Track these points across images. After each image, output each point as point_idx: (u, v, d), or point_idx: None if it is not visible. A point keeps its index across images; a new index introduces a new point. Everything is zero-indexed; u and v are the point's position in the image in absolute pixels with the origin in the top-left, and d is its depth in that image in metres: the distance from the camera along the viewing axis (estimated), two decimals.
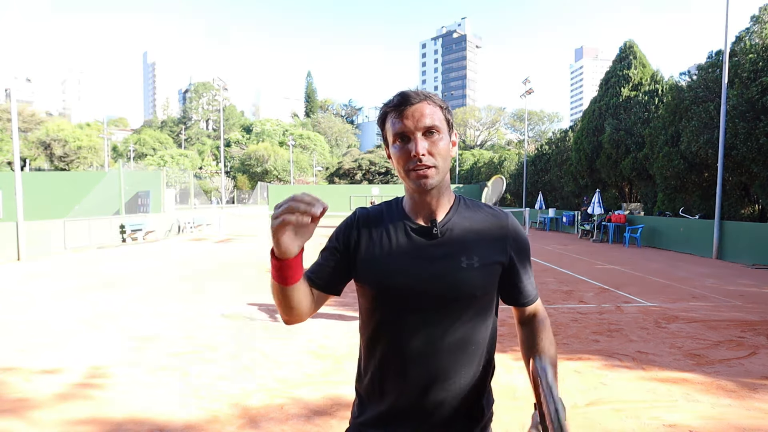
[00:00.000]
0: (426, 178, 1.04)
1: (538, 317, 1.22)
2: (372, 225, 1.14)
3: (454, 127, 1.14)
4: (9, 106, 25.50)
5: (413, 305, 1.07)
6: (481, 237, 1.11)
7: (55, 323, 5.59)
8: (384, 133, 1.13)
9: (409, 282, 1.06)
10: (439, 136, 1.06)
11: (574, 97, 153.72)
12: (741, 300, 6.97)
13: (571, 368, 4.10)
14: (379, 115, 1.12)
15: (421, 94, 1.06)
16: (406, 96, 1.05)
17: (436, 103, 1.08)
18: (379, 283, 1.09)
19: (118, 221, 15.93)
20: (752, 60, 12.51)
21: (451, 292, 1.07)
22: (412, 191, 1.10)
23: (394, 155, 1.08)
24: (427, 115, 1.04)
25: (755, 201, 14.72)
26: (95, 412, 3.24)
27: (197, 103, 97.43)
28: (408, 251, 1.09)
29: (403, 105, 1.05)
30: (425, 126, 1.04)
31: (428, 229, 1.10)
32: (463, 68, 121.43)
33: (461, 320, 1.09)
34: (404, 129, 1.04)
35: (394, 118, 1.06)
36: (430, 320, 1.07)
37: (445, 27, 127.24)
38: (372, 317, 1.13)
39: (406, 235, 1.11)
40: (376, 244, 1.11)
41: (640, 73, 19.66)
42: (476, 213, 1.15)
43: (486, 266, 1.09)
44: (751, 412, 3.25)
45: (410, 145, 1.04)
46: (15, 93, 12.01)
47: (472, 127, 75.82)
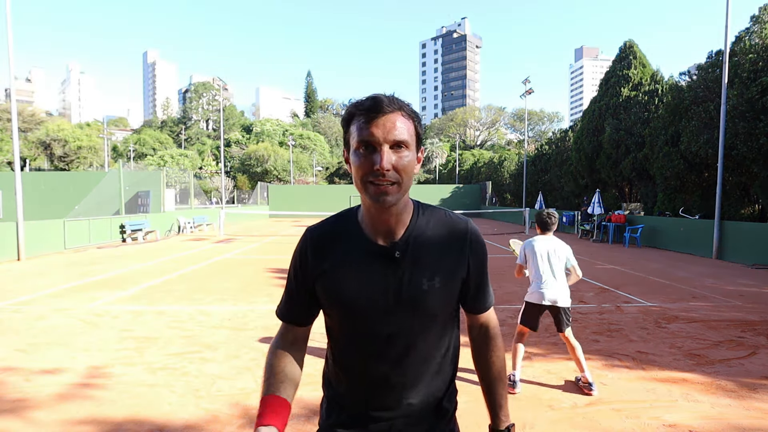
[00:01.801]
0: (386, 195, 0.96)
1: (491, 332, 1.22)
2: (326, 246, 1.08)
3: (422, 141, 1.06)
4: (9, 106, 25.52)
5: (376, 328, 1.05)
6: (441, 252, 1.08)
7: (54, 323, 5.58)
8: (346, 135, 1.03)
9: (370, 307, 1.04)
10: (407, 152, 0.98)
11: (574, 97, 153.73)
12: (741, 300, 6.97)
13: (571, 368, 4.10)
14: (344, 114, 1.02)
15: (396, 103, 0.98)
16: (379, 102, 0.96)
17: (409, 115, 1.01)
18: (340, 309, 1.06)
19: (118, 221, 15.93)
20: (752, 60, 12.52)
21: (414, 313, 1.05)
22: (369, 207, 1.03)
23: (355, 163, 0.98)
24: (399, 128, 0.97)
25: (755, 201, 14.73)
26: (95, 412, 3.24)
27: (197, 103, 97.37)
28: (368, 275, 1.04)
29: (375, 112, 0.96)
30: (394, 139, 0.96)
31: (388, 250, 1.05)
32: (463, 68, 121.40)
33: (426, 338, 1.08)
34: (371, 138, 0.95)
35: (362, 124, 0.97)
36: (393, 342, 1.05)
37: (445, 27, 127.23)
38: (336, 337, 1.12)
39: (364, 258, 1.05)
40: (334, 268, 1.06)
41: (640, 73, 19.66)
42: (435, 224, 1.10)
43: (447, 284, 1.07)
44: (750, 412, 3.25)
45: (375, 156, 0.95)
46: (15, 93, 12.01)
47: (472, 127, 75.78)
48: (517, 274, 3.98)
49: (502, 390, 1.21)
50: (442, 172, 59.16)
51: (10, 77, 11.71)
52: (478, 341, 1.23)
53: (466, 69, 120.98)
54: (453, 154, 59.59)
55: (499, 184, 37.32)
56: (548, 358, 4.38)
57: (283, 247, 14.55)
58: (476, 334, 1.23)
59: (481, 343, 1.22)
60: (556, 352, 4.55)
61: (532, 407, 3.34)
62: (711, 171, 13.92)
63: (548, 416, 3.21)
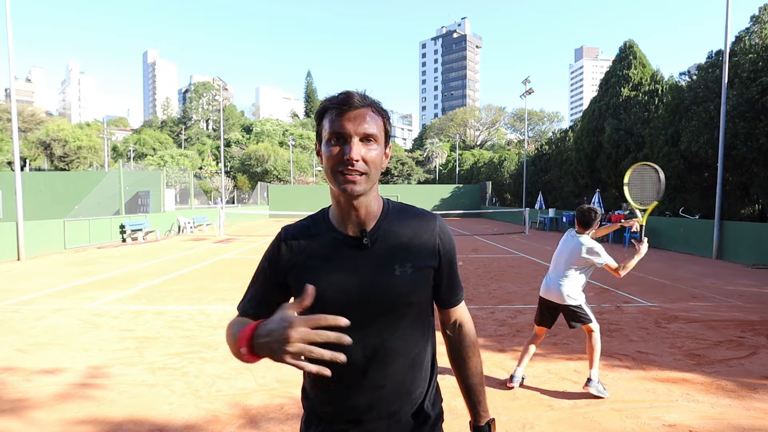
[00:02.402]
0: (354, 184, 1.00)
1: (465, 328, 1.22)
2: (299, 240, 1.12)
3: (390, 139, 1.11)
4: (9, 106, 25.54)
5: (351, 320, 1.00)
6: (411, 242, 1.10)
7: (54, 323, 5.58)
8: (319, 128, 1.07)
9: (344, 297, 1.04)
10: (376, 145, 1.04)
11: (574, 97, 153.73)
12: (741, 300, 6.97)
13: (571, 368, 4.10)
14: (318, 108, 1.08)
15: (367, 100, 1.04)
16: (350, 97, 1.02)
17: (379, 112, 1.06)
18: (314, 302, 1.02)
19: (118, 221, 15.93)
20: (752, 60, 12.52)
21: (387, 301, 1.06)
22: (338, 196, 1.06)
23: (326, 154, 1.03)
24: (368, 122, 1.02)
25: (755, 201, 14.72)
26: (95, 412, 3.24)
27: (197, 103, 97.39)
28: (340, 265, 1.07)
29: (346, 105, 1.01)
30: (364, 132, 1.01)
31: (358, 239, 1.08)
32: (463, 68, 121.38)
33: (400, 329, 1.08)
34: (342, 130, 1.00)
35: (334, 117, 1.02)
36: (369, 332, 1.05)
37: (445, 27, 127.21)
38: None
39: (335, 249, 1.08)
40: (306, 262, 1.09)
41: (640, 73, 19.66)
42: (405, 218, 1.14)
43: (419, 270, 1.09)
44: (750, 412, 3.25)
45: (345, 147, 1.00)
46: (15, 93, 12.01)
47: (472, 127, 75.77)
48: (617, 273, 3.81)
49: (480, 386, 1.22)
50: (442, 172, 59.16)
51: (10, 77, 11.71)
52: (453, 338, 1.23)
53: (466, 69, 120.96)
54: (453, 154, 59.59)
55: (499, 184, 37.32)
56: (548, 358, 4.38)
57: None
58: (451, 331, 1.23)
59: (456, 340, 1.22)
60: (556, 352, 4.55)
61: (532, 407, 3.34)
62: (711, 171, 13.92)
63: (548, 416, 3.21)
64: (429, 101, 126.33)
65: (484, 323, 5.60)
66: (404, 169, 53.01)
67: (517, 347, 4.68)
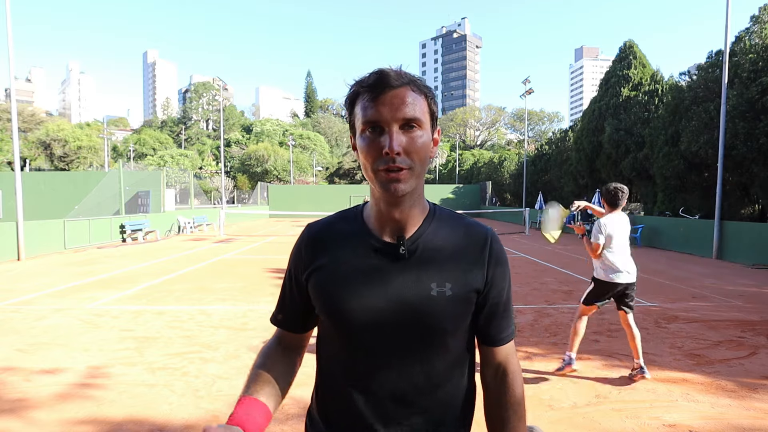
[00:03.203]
0: (398, 183, 0.83)
1: (511, 372, 0.98)
2: (325, 241, 0.96)
3: (437, 120, 0.93)
4: (9, 106, 25.54)
5: (368, 339, 0.89)
6: (456, 258, 0.92)
7: (54, 323, 5.58)
8: (351, 118, 0.90)
9: (369, 315, 0.88)
10: (420, 131, 0.85)
11: (574, 97, 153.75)
12: (741, 300, 6.97)
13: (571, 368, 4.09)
14: (348, 94, 0.89)
15: (405, 77, 0.86)
16: (385, 76, 0.84)
17: (421, 89, 0.87)
18: (329, 312, 0.91)
19: (118, 221, 15.93)
20: (752, 60, 12.52)
21: (416, 323, 0.88)
22: (379, 197, 0.90)
23: (362, 149, 0.86)
24: (409, 104, 0.84)
25: (755, 201, 14.72)
26: (95, 412, 3.24)
27: (197, 103, 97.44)
28: (366, 274, 0.90)
29: (381, 87, 0.83)
30: (404, 117, 0.83)
31: (394, 247, 0.90)
32: (463, 68, 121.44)
33: (429, 363, 0.90)
34: (378, 117, 0.83)
35: (367, 102, 0.84)
36: (390, 360, 0.89)
37: (445, 27, 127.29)
38: (325, 346, 0.98)
39: (366, 255, 0.91)
40: (330, 267, 0.92)
41: (640, 73, 19.67)
42: (452, 228, 0.96)
43: (459, 294, 0.90)
44: (750, 412, 3.25)
45: (383, 139, 0.83)
46: (15, 93, 12.01)
47: (472, 127, 75.80)
48: (594, 254, 3.94)
49: None
50: (442, 172, 59.16)
51: (10, 77, 11.71)
52: (493, 388, 0.98)
53: (466, 69, 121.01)
54: (453, 154, 59.59)
55: (499, 184, 37.32)
56: (548, 358, 4.38)
57: (283, 247, 14.54)
58: (492, 378, 0.99)
59: (497, 392, 0.98)
60: (556, 352, 4.55)
61: (532, 407, 3.34)
62: (711, 171, 13.92)
63: (548, 416, 3.21)
64: None
65: None
66: None
67: (518, 347, 4.64)
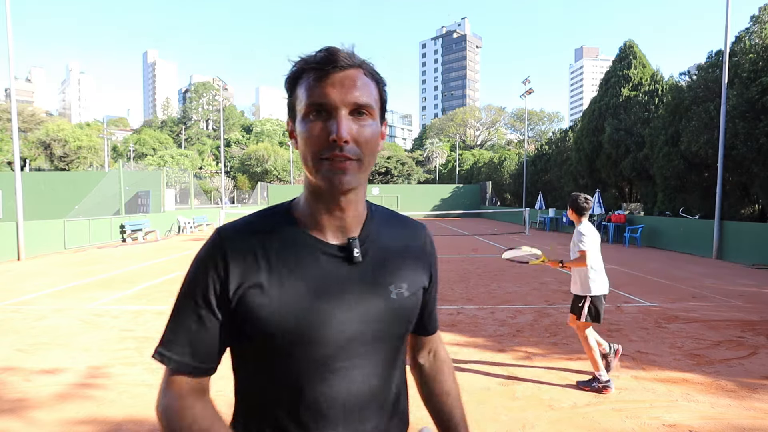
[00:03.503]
0: (344, 174, 0.73)
1: (442, 354, 1.01)
2: (255, 253, 0.77)
3: (386, 112, 0.84)
4: (9, 106, 25.53)
5: (327, 355, 0.77)
6: (403, 257, 0.87)
7: (54, 323, 5.58)
8: (291, 100, 0.78)
9: (334, 331, 0.76)
10: (370, 120, 0.76)
11: (574, 97, 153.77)
12: (741, 300, 6.97)
13: (572, 368, 4.10)
14: (290, 72, 0.78)
15: (356, 58, 0.76)
16: (334, 54, 0.74)
17: (373, 75, 0.78)
18: (292, 337, 0.75)
19: (118, 221, 15.93)
20: (752, 60, 12.52)
21: (384, 331, 0.81)
22: (319, 192, 0.78)
23: (303, 134, 0.74)
24: (360, 88, 0.74)
25: (755, 201, 14.72)
26: (95, 412, 3.24)
27: (197, 103, 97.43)
28: (325, 286, 0.77)
29: (329, 65, 0.73)
30: (355, 102, 0.73)
31: (345, 250, 0.80)
32: (463, 68, 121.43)
33: (386, 360, 0.84)
34: (325, 100, 0.72)
35: (313, 82, 0.74)
36: (345, 374, 0.79)
37: (445, 27, 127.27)
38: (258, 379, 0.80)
39: (315, 263, 0.78)
40: (273, 283, 0.75)
41: (640, 73, 19.67)
42: (393, 226, 0.90)
43: (413, 293, 0.86)
44: (750, 412, 3.25)
45: (330, 124, 0.72)
46: (15, 93, 12.01)
47: (472, 127, 75.79)
48: (584, 262, 3.78)
49: (463, 414, 1.01)
50: (442, 172, 59.16)
51: (10, 77, 11.71)
52: (429, 368, 1.00)
53: (466, 69, 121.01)
54: (453, 154, 59.58)
55: (499, 184, 37.32)
56: (548, 358, 4.38)
57: None
58: (426, 360, 1.01)
59: (433, 369, 1.00)
60: (555, 352, 4.55)
61: (532, 407, 3.34)
62: (711, 171, 13.92)
63: (548, 416, 3.21)
64: (429, 101, 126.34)
65: (484, 323, 5.60)
66: (404, 169, 52.97)
67: (518, 347, 4.68)
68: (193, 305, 0.76)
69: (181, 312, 0.77)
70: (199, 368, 0.77)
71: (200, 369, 0.77)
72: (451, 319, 5.80)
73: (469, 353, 4.50)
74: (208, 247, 0.78)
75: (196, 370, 0.77)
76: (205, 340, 0.77)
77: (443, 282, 8.32)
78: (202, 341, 0.76)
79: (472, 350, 4.60)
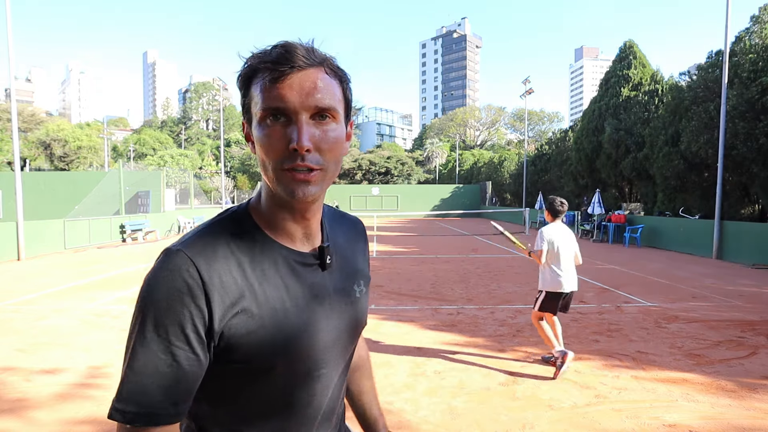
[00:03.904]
0: (307, 186, 0.68)
1: (363, 348, 1.07)
2: (231, 272, 0.68)
3: (351, 110, 0.77)
4: (9, 106, 25.54)
5: (320, 365, 0.77)
6: (355, 254, 0.89)
7: (54, 323, 5.58)
8: (246, 101, 0.72)
9: (319, 340, 0.75)
10: (334, 124, 0.70)
11: (574, 97, 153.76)
12: (741, 300, 6.97)
13: (571, 368, 4.09)
14: (242, 69, 0.71)
15: (317, 55, 0.69)
16: (291, 52, 0.67)
17: (336, 72, 0.72)
18: (281, 354, 0.71)
19: (118, 221, 15.93)
20: (752, 60, 12.52)
21: (356, 332, 0.84)
22: (282, 201, 0.72)
23: (261, 141, 0.68)
24: (322, 89, 0.68)
25: (755, 201, 14.73)
26: (95, 412, 3.24)
27: (197, 103, 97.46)
28: (306, 297, 0.74)
29: (286, 65, 0.66)
30: (317, 105, 0.67)
31: (317, 258, 0.78)
32: (463, 68, 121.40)
33: (348, 362, 0.86)
34: (283, 104, 0.66)
35: (268, 83, 0.67)
36: (330, 377, 0.80)
37: (445, 27, 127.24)
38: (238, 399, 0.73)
39: (293, 272, 0.74)
40: (259, 301, 0.69)
41: (640, 73, 19.68)
42: (340, 223, 0.91)
43: (367, 288, 0.89)
44: (750, 412, 3.25)
45: (289, 131, 0.66)
46: (15, 93, 12.01)
47: (472, 127, 75.78)
48: (539, 260, 4.08)
49: (379, 409, 1.08)
50: (442, 172, 59.17)
51: (10, 77, 11.70)
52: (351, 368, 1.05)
53: (466, 69, 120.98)
54: (453, 154, 59.59)
55: (499, 184, 37.33)
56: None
57: None
58: None
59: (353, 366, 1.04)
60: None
61: (532, 407, 3.34)
62: (711, 171, 13.92)
63: (548, 416, 3.21)
64: (429, 101, 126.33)
65: (484, 323, 5.60)
66: (404, 169, 52.99)
67: (517, 347, 4.68)
68: (165, 344, 0.63)
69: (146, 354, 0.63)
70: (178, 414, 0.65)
71: (178, 415, 0.65)
72: (451, 319, 5.80)
73: (469, 353, 4.50)
74: (173, 272, 0.65)
75: (180, 414, 0.66)
76: (190, 382, 0.66)
77: (443, 282, 8.33)
78: (188, 384, 0.65)
79: (472, 350, 4.60)
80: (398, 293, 7.37)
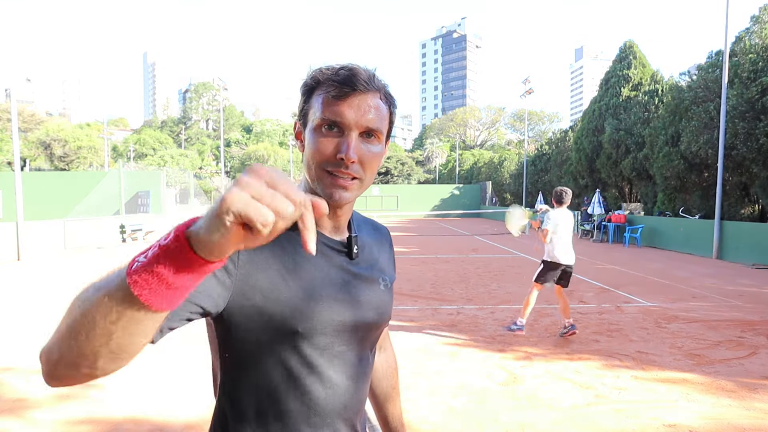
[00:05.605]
0: (344, 191, 0.78)
1: (389, 351, 1.12)
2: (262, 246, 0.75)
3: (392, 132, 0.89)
4: (9, 106, 25.57)
5: (338, 344, 0.83)
6: (380, 252, 0.97)
7: (55, 323, 5.58)
8: (305, 106, 0.82)
9: (339, 317, 0.81)
10: (378, 144, 0.81)
11: (574, 97, 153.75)
12: (741, 300, 6.97)
13: (572, 368, 4.10)
14: (309, 79, 0.82)
15: (376, 82, 0.80)
16: (356, 76, 0.77)
17: (388, 99, 0.83)
18: (300, 321, 0.77)
19: (118, 221, 15.93)
20: (752, 60, 12.52)
21: (378, 320, 0.89)
22: None
23: (312, 144, 0.78)
24: (375, 113, 0.79)
25: (755, 201, 14.73)
26: (94, 412, 3.24)
27: (197, 103, 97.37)
28: (332, 275, 0.82)
29: (349, 86, 0.76)
30: (367, 126, 0.78)
31: (347, 246, 0.86)
32: (463, 68, 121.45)
33: (371, 351, 0.92)
34: (340, 119, 0.76)
35: (331, 98, 0.77)
36: (348, 358, 0.84)
37: (445, 27, 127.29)
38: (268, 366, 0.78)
39: (321, 253, 0.82)
40: (282, 266, 0.77)
41: (640, 73, 19.68)
42: (366, 224, 0.99)
43: (391, 287, 0.97)
44: (750, 412, 3.25)
45: (340, 142, 0.76)
46: (15, 93, 12.01)
47: (472, 127, 75.77)
48: (544, 239, 4.90)
49: (401, 418, 1.12)
50: (442, 172, 59.16)
51: (10, 77, 11.69)
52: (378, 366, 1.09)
53: (466, 69, 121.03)
54: (453, 154, 59.59)
55: (499, 184, 37.33)
56: (548, 358, 4.38)
57: None
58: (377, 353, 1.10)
59: (379, 355, 1.10)
60: (555, 353, 4.55)
61: (532, 407, 3.34)
62: (711, 171, 13.92)
63: (548, 416, 3.20)
64: (429, 101, 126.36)
65: (484, 323, 5.60)
66: (404, 169, 52.98)
67: (517, 347, 4.68)
68: None
69: None
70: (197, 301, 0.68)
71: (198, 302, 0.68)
72: (451, 319, 5.80)
73: (469, 353, 4.50)
74: None
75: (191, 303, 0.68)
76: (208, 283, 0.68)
77: (443, 282, 8.33)
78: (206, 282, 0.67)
79: (472, 350, 4.60)
80: (398, 293, 7.37)
